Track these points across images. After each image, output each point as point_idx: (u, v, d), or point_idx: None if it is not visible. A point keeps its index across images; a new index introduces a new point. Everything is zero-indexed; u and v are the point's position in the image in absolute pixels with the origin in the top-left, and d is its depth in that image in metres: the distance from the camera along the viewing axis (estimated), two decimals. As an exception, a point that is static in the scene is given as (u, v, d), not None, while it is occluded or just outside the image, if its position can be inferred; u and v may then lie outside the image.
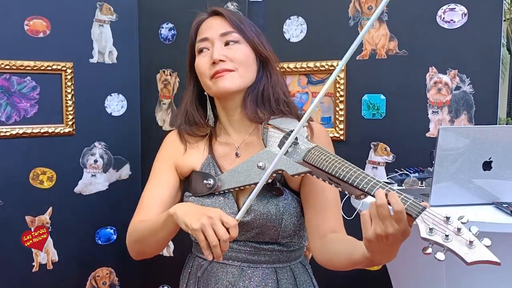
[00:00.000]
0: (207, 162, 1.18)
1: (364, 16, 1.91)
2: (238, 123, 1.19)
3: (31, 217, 2.09)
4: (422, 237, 0.78)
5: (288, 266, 1.17)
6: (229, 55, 1.12)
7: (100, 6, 2.20)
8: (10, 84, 2.03)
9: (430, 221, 0.79)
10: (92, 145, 2.22)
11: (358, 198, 0.94)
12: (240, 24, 1.15)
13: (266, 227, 1.11)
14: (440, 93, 1.81)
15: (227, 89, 1.12)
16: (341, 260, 1.01)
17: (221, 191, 1.13)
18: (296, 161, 1.02)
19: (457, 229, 0.77)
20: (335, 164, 0.95)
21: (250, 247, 1.14)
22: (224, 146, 1.20)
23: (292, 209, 1.12)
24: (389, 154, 1.90)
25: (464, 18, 1.77)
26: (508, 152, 1.39)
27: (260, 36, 1.18)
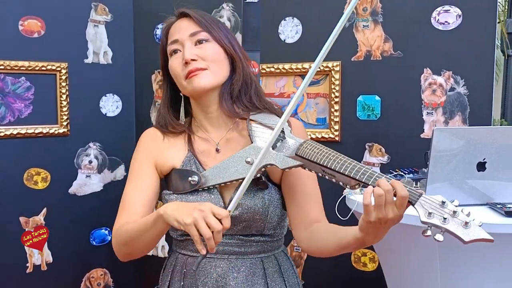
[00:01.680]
0: (187, 159, 1.19)
1: (359, 18, 1.91)
2: (216, 120, 1.20)
3: (25, 218, 2.08)
4: (422, 221, 0.84)
5: (273, 255, 1.21)
6: (200, 54, 1.15)
7: (95, 7, 2.20)
8: (5, 84, 2.02)
9: (428, 205, 0.85)
10: (86, 146, 2.22)
11: (353, 188, 0.98)
12: (207, 23, 1.18)
13: (253, 220, 1.13)
14: (435, 94, 1.82)
15: (202, 87, 1.14)
16: (329, 246, 1.06)
17: (205, 187, 1.14)
18: (288, 155, 1.05)
19: (453, 212, 0.83)
20: (329, 157, 0.99)
21: (237, 240, 1.16)
22: (203, 142, 1.21)
23: (276, 201, 1.16)
24: (384, 155, 1.90)
25: (459, 19, 1.78)
26: (502, 153, 1.40)
27: (228, 34, 1.20)
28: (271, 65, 2.05)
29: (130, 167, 1.24)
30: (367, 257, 1.97)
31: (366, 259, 1.97)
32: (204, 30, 1.17)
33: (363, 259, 1.97)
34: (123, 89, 2.30)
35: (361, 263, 1.98)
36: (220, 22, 1.23)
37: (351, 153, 1.93)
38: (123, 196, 1.21)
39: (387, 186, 0.88)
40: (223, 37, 1.18)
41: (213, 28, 1.18)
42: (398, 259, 1.57)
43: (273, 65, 2.04)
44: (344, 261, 1.99)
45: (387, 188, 0.87)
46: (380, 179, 0.90)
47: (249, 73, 1.20)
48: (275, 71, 2.05)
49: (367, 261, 1.97)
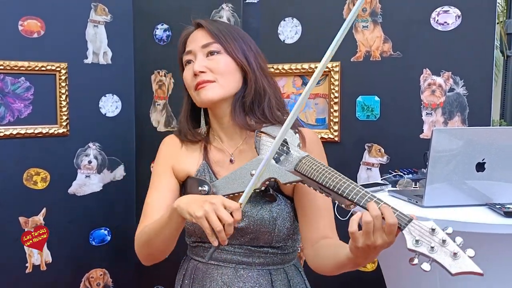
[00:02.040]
0: (202, 168, 1.20)
1: (359, 18, 1.91)
2: (229, 130, 1.21)
3: (24, 218, 2.08)
4: (409, 249, 0.81)
5: (282, 268, 1.19)
6: (210, 66, 1.15)
7: (95, 7, 2.20)
8: (4, 84, 2.02)
9: (416, 232, 0.82)
10: (86, 146, 2.22)
11: (348, 207, 0.96)
12: (221, 34, 1.17)
13: (260, 232, 1.13)
14: (434, 95, 1.82)
15: (208, 99, 1.15)
16: (329, 264, 1.05)
17: None
18: (288, 170, 1.04)
19: (442, 241, 0.80)
20: (326, 174, 0.97)
21: (245, 250, 1.15)
22: (218, 152, 1.22)
23: (285, 214, 1.14)
24: (383, 156, 1.90)
25: (458, 20, 1.78)
26: (501, 154, 1.40)
27: (244, 45, 1.19)
28: (270, 65, 2.05)
29: (152, 173, 1.26)
30: (367, 257, 1.97)
31: (366, 260, 1.97)
32: (216, 41, 1.16)
33: (363, 259, 1.97)
34: (123, 89, 2.30)
35: (360, 264, 1.98)
36: (236, 31, 1.21)
37: (350, 153, 1.95)
38: (145, 202, 1.22)
39: (375, 212, 0.85)
40: (236, 49, 1.17)
41: (227, 39, 1.17)
42: (397, 259, 1.57)
43: (272, 66, 2.04)
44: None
45: (375, 214, 0.85)
46: (369, 203, 0.87)
47: (263, 85, 1.18)
48: (274, 71, 2.05)
49: (367, 262, 1.97)
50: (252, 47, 1.20)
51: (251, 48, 1.20)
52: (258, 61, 1.20)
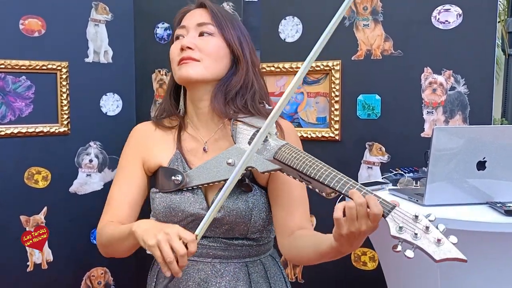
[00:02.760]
0: (175, 157, 1.17)
1: (360, 17, 1.91)
2: (205, 117, 1.18)
3: (26, 217, 2.09)
4: (392, 235, 0.81)
5: (259, 260, 1.18)
6: (199, 45, 1.13)
7: (96, 6, 2.20)
8: (5, 83, 2.03)
9: (400, 219, 0.82)
10: (87, 145, 2.22)
11: (328, 195, 0.96)
12: (221, 19, 1.16)
13: (235, 223, 1.11)
14: (435, 93, 1.82)
15: (188, 76, 1.12)
16: (308, 253, 1.04)
17: (189, 187, 1.13)
18: (267, 158, 1.02)
19: (426, 228, 0.80)
20: (306, 162, 0.96)
21: (220, 243, 1.14)
22: (192, 140, 1.19)
23: (261, 204, 1.13)
24: (384, 154, 1.90)
25: (459, 19, 1.78)
26: (502, 152, 1.39)
27: (241, 36, 1.18)
28: (271, 64, 2.05)
29: (119, 163, 1.23)
30: (367, 256, 1.97)
31: (366, 258, 1.97)
32: (213, 24, 1.15)
33: (363, 258, 1.97)
34: (124, 88, 2.30)
35: (361, 262, 1.98)
36: (237, 22, 1.20)
37: (351, 152, 1.95)
38: (109, 193, 1.20)
39: (359, 199, 0.84)
40: (232, 36, 1.15)
41: (225, 24, 1.15)
42: (398, 258, 1.57)
43: (273, 64, 2.04)
44: (344, 260, 1.99)
45: (359, 201, 0.84)
46: (352, 190, 0.87)
47: (252, 78, 1.17)
48: (275, 70, 2.05)
49: (367, 260, 1.97)
50: (248, 41, 1.19)
51: (247, 41, 1.19)
52: (252, 55, 1.19)
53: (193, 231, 1.01)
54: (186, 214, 1.12)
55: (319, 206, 1.99)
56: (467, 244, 1.33)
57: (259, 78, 1.20)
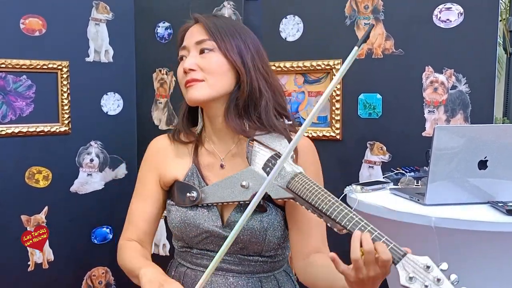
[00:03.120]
0: (190, 172, 1.16)
1: (361, 16, 1.91)
2: (221, 132, 1.16)
3: (26, 217, 2.09)
4: (402, 285, 0.79)
5: (272, 275, 1.17)
6: (201, 64, 1.11)
7: (96, 5, 2.20)
8: (6, 83, 2.03)
9: (411, 268, 0.80)
10: (88, 144, 2.22)
11: (340, 231, 0.94)
12: (217, 31, 1.12)
13: (250, 242, 1.10)
14: (436, 92, 1.81)
15: (195, 99, 1.11)
16: (324, 285, 1.03)
17: (205, 204, 1.12)
18: (280, 185, 1.02)
19: (437, 280, 0.77)
20: (318, 196, 0.94)
21: (234, 258, 1.13)
22: (208, 155, 1.18)
23: (276, 224, 1.11)
24: (385, 154, 1.90)
25: (460, 17, 1.77)
26: (503, 152, 1.39)
27: (242, 44, 1.13)
28: (272, 63, 2.04)
29: (138, 177, 1.25)
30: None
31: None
32: (211, 38, 1.11)
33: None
34: (124, 87, 2.30)
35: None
36: (237, 29, 1.15)
37: (352, 151, 1.95)
38: (129, 209, 1.22)
39: (368, 246, 0.83)
40: (231, 47, 1.11)
41: (223, 37, 1.12)
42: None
43: (274, 63, 2.04)
44: (346, 262, 1.98)
45: (367, 248, 0.83)
46: (363, 235, 0.84)
47: (260, 87, 1.12)
48: (276, 69, 2.04)
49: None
50: (250, 45, 1.15)
51: (249, 47, 1.14)
52: (256, 62, 1.14)
53: (208, 246, 1.05)
54: (201, 230, 1.12)
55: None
56: (468, 244, 1.33)
57: (271, 85, 1.16)
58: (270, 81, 1.16)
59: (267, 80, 1.15)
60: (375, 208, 1.44)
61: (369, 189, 1.59)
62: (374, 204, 1.45)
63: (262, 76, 1.14)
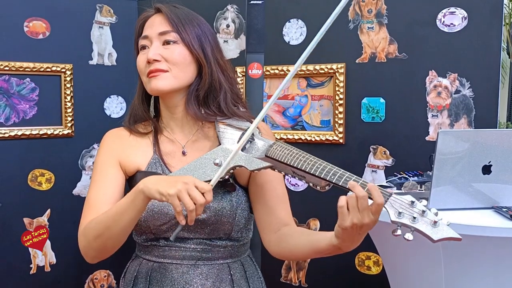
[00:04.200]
0: (153, 161, 1.17)
1: (364, 20, 1.90)
2: (181, 121, 1.19)
3: (29, 219, 2.09)
4: (392, 220, 0.86)
5: (239, 260, 1.20)
6: (165, 55, 1.13)
7: (100, 8, 2.20)
8: (9, 85, 2.03)
9: (398, 205, 0.87)
10: (91, 147, 2.22)
11: (323, 189, 0.99)
12: (180, 23, 1.14)
13: (221, 222, 1.13)
14: (440, 96, 1.81)
15: (159, 89, 1.13)
16: (304, 251, 1.06)
17: None
18: (257, 156, 1.05)
19: (422, 211, 0.85)
20: (300, 158, 0.99)
21: (204, 245, 1.14)
22: (169, 143, 1.19)
23: (243, 203, 1.15)
24: (389, 158, 1.89)
25: (464, 21, 1.77)
26: (508, 156, 1.38)
27: (202, 36, 1.16)
28: (275, 66, 2.05)
29: (93, 169, 1.19)
30: (371, 260, 1.96)
31: (370, 263, 1.96)
32: (174, 30, 1.13)
33: (367, 262, 1.96)
34: (128, 90, 2.28)
35: (365, 267, 1.97)
36: (197, 21, 1.17)
37: (355, 155, 1.94)
38: (86, 198, 1.15)
39: (361, 193, 0.88)
40: (193, 39, 1.14)
41: (185, 29, 1.14)
42: (402, 263, 1.56)
43: (277, 67, 2.04)
44: (348, 264, 1.98)
45: (361, 194, 0.88)
46: (352, 182, 0.90)
47: (219, 79, 1.16)
48: (279, 73, 2.04)
49: (371, 265, 1.96)
50: (210, 38, 1.17)
51: (209, 40, 1.17)
52: (215, 53, 1.17)
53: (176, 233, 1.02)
54: (170, 217, 1.11)
55: (323, 210, 1.99)
56: (472, 249, 1.32)
57: (228, 76, 1.19)
58: (227, 73, 1.19)
59: (225, 72, 1.19)
60: (378, 212, 1.43)
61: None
62: (377, 209, 1.44)
63: (221, 67, 1.18)
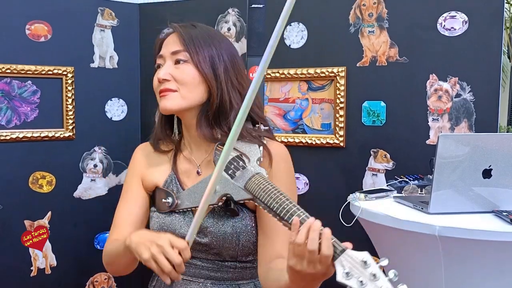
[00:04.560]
0: (169, 178, 1.18)
1: (365, 23, 1.91)
2: (197, 140, 1.18)
3: (30, 221, 2.09)
4: (338, 281, 0.78)
5: (252, 283, 1.16)
6: (175, 74, 1.13)
7: (102, 11, 2.21)
8: (11, 88, 2.04)
9: (348, 264, 0.79)
10: (92, 150, 2.22)
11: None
12: (191, 42, 1.13)
13: (223, 248, 1.11)
14: (441, 100, 1.81)
15: (167, 109, 1.13)
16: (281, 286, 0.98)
17: (180, 210, 1.14)
18: (240, 186, 1.02)
19: (373, 275, 0.77)
20: (271, 195, 0.94)
21: (213, 264, 1.13)
22: (186, 162, 1.20)
23: (249, 229, 1.11)
24: (389, 161, 1.89)
25: (465, 25, 1.77)
26: (508, 160, 1.39)
27: (215, 56, 1.14)
28: (276, 70, 2.05)
29: (124, 182, 1.26)
30: (372, 263, 1.96)
31: (371, 266, 1.96)
32: (185, 49, 1.13)
33: (368, 265, 1.96)
34: (129, 93, 2.31)
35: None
36: (214, 41, 1.15)
37: (356, 159, 1.94)
38: (115, 213, 1.23)
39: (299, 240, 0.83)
40: (203, 59, 1.12)
41: (197, 48, 1.13)
42: (403, 266, 1.56)
43: (278, 70, 2.04)
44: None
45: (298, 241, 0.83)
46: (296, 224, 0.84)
47: (230, 99, 1.13)
48: (280, 76, 2.05)
49: (372, 268, 1.96)
50: (225, 57, 1.15)
51: (222, 59, 1.14)
52: (229, 74, 1.14)
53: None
54: (177, 236, 1.11)
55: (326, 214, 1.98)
56: (472, 253, 1.32)
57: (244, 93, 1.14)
58: (243, 93, 1.15)
59: (241, 92, 1.15)
60: (378, 216, 1.44)
61: (372, 197, 1.58)
62: (378, 212, 1.44)
63: (235, 88, 1.15)
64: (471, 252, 1.32)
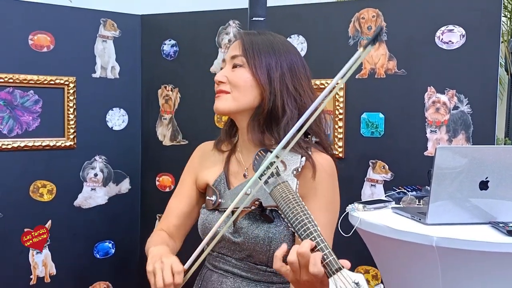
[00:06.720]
0: (220, 178, 1.23)
1: (364, 36, 1.93)
2: (248, 144, 1.21)
3: (30, 230, 2.09)
4: None
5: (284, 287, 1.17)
6: (230, 77, 1.17)
7: (104, 22, 2.23)
8: (13, 97, 2.05)
9: (340, 283, 0.80)
10: (92, 159, 2.23)
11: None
12: (250, 49, 1.16)
13: (254, 250, 1.12)
14: (438, 112, 1.83)
15: (218, 109, 1.19)
16: None
17: (222, 209, 1.17)
18: (268, 192, 1.04)
19: None
20: (289, 205, 0.95)
21: (245, 264, 1.16)
22: (237, 164, 1.24)
23: (282, 237, 1.11)
24: (388, 172, 1.91)
25: (462, 39, 1.79)
26: (505, 172, 1.40)
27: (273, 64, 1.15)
28: (276, 81, 2.06)
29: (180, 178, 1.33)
30: (370, 274, 1.96)
31: (369, 277, 1.96)
32: (242, 54, 1.16)
33: (366, 276, 1.97)
34: (130, 103, 2.33)
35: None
36: (276, 49, 1.17)
37: (355, 170, 1.96)
38: (168, 203, 1.30)
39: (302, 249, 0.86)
40: (259, 65, 1.15)
41: (254, 54, 1.15)
42: (400, 277, 1.57)
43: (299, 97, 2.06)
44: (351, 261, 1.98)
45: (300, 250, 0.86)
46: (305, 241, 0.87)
47: (284, 105, 1.14)
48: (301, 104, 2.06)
49: (370, 279, 1.96)
50: (284, 63, 1.16)
51: (280, 65, 1.16)
52: (285, 80, 1.15)
53: (222, 250, 1.12)
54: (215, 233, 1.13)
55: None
56: (469, 264, 1.33)
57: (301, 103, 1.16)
58: (300, 101, 1.16)
59: (297, 99, 1.16)
60: (377, 226, 1.44)
61: (371, 207, 1.59)
62: (376, 223, 1.45)
63: (290, 95, 1.16)
64: (468, 263, 1.33)
